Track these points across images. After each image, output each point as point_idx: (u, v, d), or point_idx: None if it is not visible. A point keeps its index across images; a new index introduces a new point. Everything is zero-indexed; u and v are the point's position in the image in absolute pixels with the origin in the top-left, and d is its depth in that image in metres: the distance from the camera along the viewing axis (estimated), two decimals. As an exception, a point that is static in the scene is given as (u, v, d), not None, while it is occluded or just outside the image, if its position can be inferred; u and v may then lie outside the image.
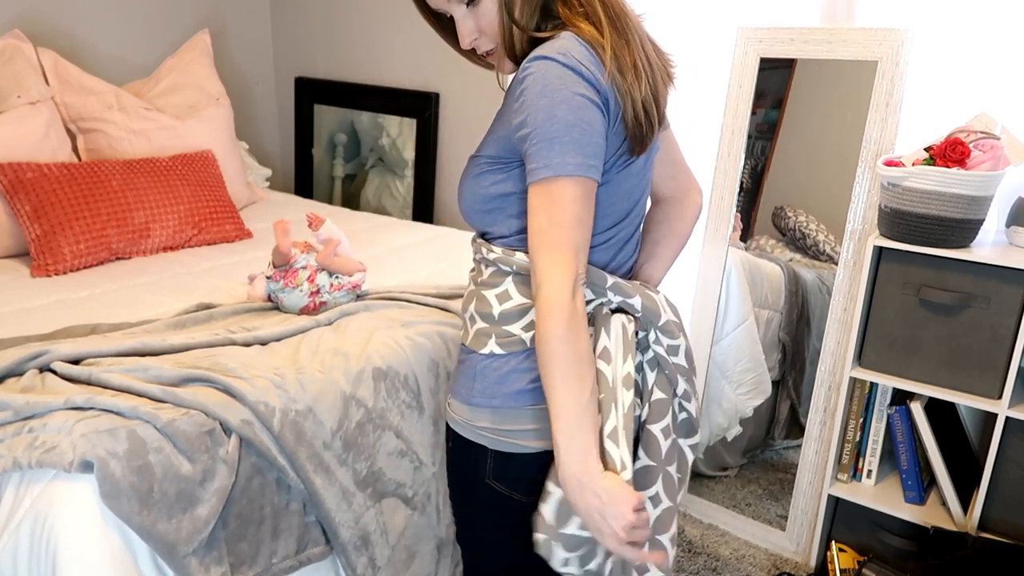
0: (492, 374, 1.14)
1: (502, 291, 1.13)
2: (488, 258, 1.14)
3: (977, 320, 1.75)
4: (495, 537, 1.23)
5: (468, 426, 1.17)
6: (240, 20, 3.39)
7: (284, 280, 1.78)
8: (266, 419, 1.40)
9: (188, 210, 2.42)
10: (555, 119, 0.98)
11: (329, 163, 3.47)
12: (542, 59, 1.00)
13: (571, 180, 0.99)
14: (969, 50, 1.86)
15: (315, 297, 1.80)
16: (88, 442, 1.23)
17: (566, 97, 0.98)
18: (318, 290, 1.80)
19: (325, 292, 1.80)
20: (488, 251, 1.14)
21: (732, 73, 2.13)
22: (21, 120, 2.32)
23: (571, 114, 0.98)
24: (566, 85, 0.99)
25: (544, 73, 0.99)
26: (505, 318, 1.13)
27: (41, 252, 2.13)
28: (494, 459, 1.16)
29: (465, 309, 1.20)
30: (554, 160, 0.98)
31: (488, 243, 1.15)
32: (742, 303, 2.30)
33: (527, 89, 1.00)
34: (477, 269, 1.19)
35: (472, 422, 1.16)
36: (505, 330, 1.13)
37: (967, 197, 1.70)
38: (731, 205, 2.19)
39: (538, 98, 0.99)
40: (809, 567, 2.13)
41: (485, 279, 1.16)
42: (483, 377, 1.14)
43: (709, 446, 2.42)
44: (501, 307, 1.13)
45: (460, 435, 1.19)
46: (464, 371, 1.18)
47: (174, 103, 2.75)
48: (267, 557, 1.42)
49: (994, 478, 1.79)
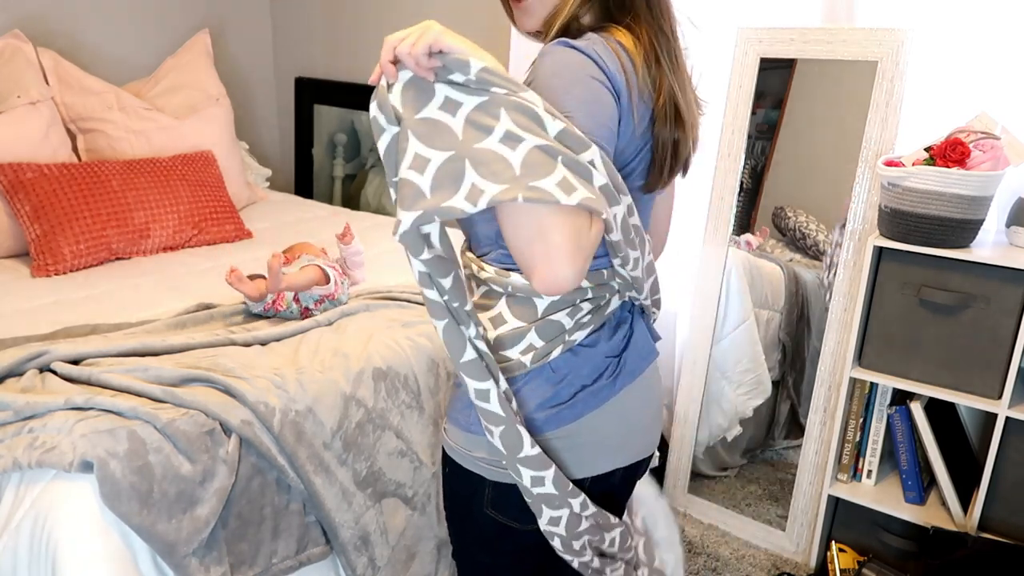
0: None
1: (496, 314, 1.06)
2: (480, 277, 1.07)
3: (977, 320, 1.75)
4: (493, 561, 1.18)
5: (465, 455, 1.11)
6: (240, 20, 3.39)
7: (274, 307, 1.78)
8: (266, 419, 1.40)
9: (188, 210, 2.42)
10: (571, 95, 0.94)
11: (329, 163, 3.47)
12: (565, 45, 0.97)
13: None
14: (969, 50, 1.85)
15: (306, 314, 1.81)
16: (88, 442, 1.23)
17: (582, 78, 0.95)
18: (307, 308, 1.81)
19: (314, 312, 1.81)
20: (479, 269, 1.08)
21: (732, 73, 2.13)
22: (21, 120, 2.32)
23: (587, 93, 0.95)
24: (584, 69, 0.96)
25: (563, 58, 0.96)
26: (501, 343, 1.05)
27: (41, 252, 2.13)
28: (492, 489, 1.11)
29: None
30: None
31: (479, 260, 1.09)
32: (742, 303, 2.30)
33: (539, 67, 0.97)
34: (467, 286, 1.09)
35: (470, 451, 1.10)
36: (503, 355, 1.06)
37: (967, 197, 1.70)
38: (731, 205, 2.19)
39: (551, 78, 0.96)
40: (809, 567, 2.13)
41: (477, 300, 1.09)
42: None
43: (709, 446, 2.42)
44: (496, 332, 1.06)
45: (456, 462, 1.13)
46: (460, 396, 1.11)
47: (174, 103, 2.75)
48: (267, 557, 1.42)
49: (994, 478, 1.79)
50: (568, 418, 1.07)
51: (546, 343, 1.06)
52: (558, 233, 0.85)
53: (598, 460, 1.11)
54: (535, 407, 1.07)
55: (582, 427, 1.08)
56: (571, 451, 1.09)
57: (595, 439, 1.10)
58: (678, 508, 2.39)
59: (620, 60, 0.99)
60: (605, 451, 1.11)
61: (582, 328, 1.07)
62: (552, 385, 1.07)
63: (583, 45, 0.97)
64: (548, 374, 1.07)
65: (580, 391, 1.07)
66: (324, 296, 1.82)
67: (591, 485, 1.12)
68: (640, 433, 1.16)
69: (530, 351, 1.05)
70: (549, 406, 1.07)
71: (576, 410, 1.07)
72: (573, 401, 1.07)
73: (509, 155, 0.84)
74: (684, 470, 2.38)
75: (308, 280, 1.79)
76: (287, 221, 2.76)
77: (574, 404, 1.07)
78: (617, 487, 1.19)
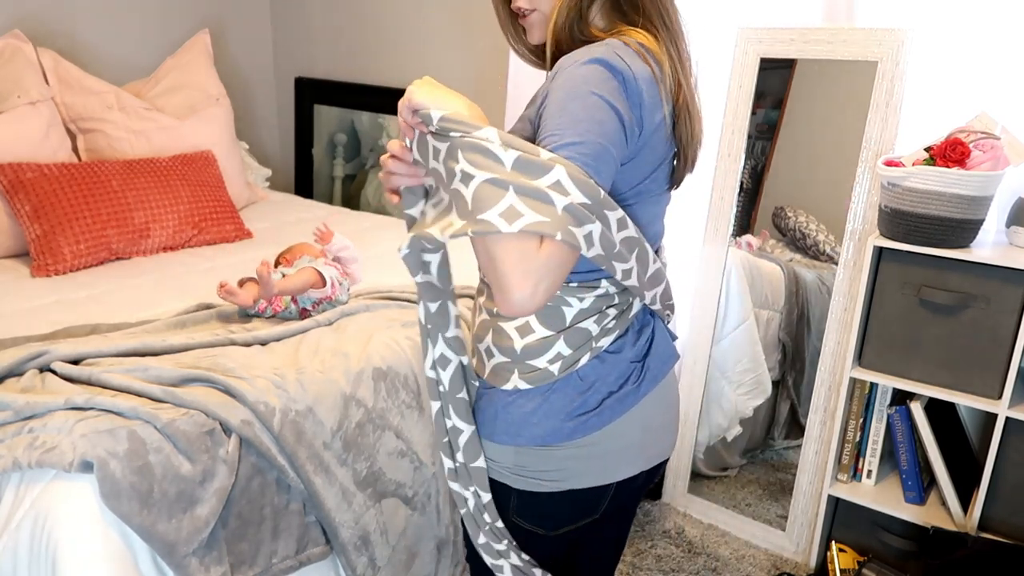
0: (517, 411, 1.07)
1: (523, 324, 1.05)
2: None
3: (977, 320, 1.75)
4: None
5: (490, 462, 1.11)
6: (240, 20, 3.39)
7: (272, 307, 1.78)
8: (266, 419, 1.40)
9: (188, 210, 2.42)
10: (565, 112, 0.95)
11: (329, 163, 3.47)
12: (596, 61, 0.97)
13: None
14: (969, 50, 1.85)
15: (305, 315, 1.81)
16: (88, 442, 1.23)
17: (582, 94, 0.96)
18: (305, 309, 1.81)
19: (312, 313, 1.81)
20: None
21: (732, 73, 2.13)
22: (21, 120, 2.32)
23: (583, 111, 0.95)
24: (586, 85, 0.96)
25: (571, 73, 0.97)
26: (528, 353, 1.05)
27: (41, 252, 2.13)
28: (518, 497, 1.11)
29: (480, 339, 1.11)
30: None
31: None
32: (742, 303, 2.30)
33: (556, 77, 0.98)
34: (487, 293, 1.10)
35: (495, 459, 1.10)
36: (530, 364, 1.06)
37: (967, 197, 1.70)
38: (731, 205, 2.19)
39: (554, 92, 0.97)
40: (809, 567, 2.13)
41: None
42: (506, 414, 1.08)
43: (709, 446, 2.42)
44: (524, 341, 1.05)
45: None
46: (483, 407, 1.11)
47: (174, 103, 2.75)
48: (267, 557, 1.42)
49: (994, 478, 1.79)
50: (595, 426, 1.07)
51: (574, 351, 1.05)
52: (504, 260, 0.89)
53: (623, 465, 1.11)
54: (564, 416, 1.06)
55: (608, 434, 1.08)
56: (598, 458, 1.09)
57: (620, 445, 1.10)
58: (678, 508, 2.39)
59: (649, 64, 1.00)
60: (629, 456, 1.12)
61: (608, 334, 1.07)
62: (580, 393, 1.07)
63: (601, 54, 0.97)
64: (576, 382, 1.07)
65: (607, 398, 1.07)
66: (321, 299, 1.82)
67: (616, 491, 1.12)
68: (662, 435, 1.16)
69: (558, 360, 1.05)
70: (577, 414, 1.07)
71: (603, 417, 1.07)
72: (600, 409, 1.07)
73: (464, 192, 0.90)
74: (684, 470, 2.38)
75: (303, 283, 1.79)
76: (287, 221, 2.76)
77: (601, 412, 1.07)
78: (637, 491, 1.20)
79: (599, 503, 1.13)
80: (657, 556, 2.17)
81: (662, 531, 2.29)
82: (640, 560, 2.15)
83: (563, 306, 1.05)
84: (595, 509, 1.13)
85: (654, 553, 2.18)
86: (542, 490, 1.09)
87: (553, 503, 1.10)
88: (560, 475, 1.08)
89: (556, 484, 1.09)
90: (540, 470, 1.08)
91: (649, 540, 2.24)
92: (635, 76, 0.97)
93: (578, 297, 1.05)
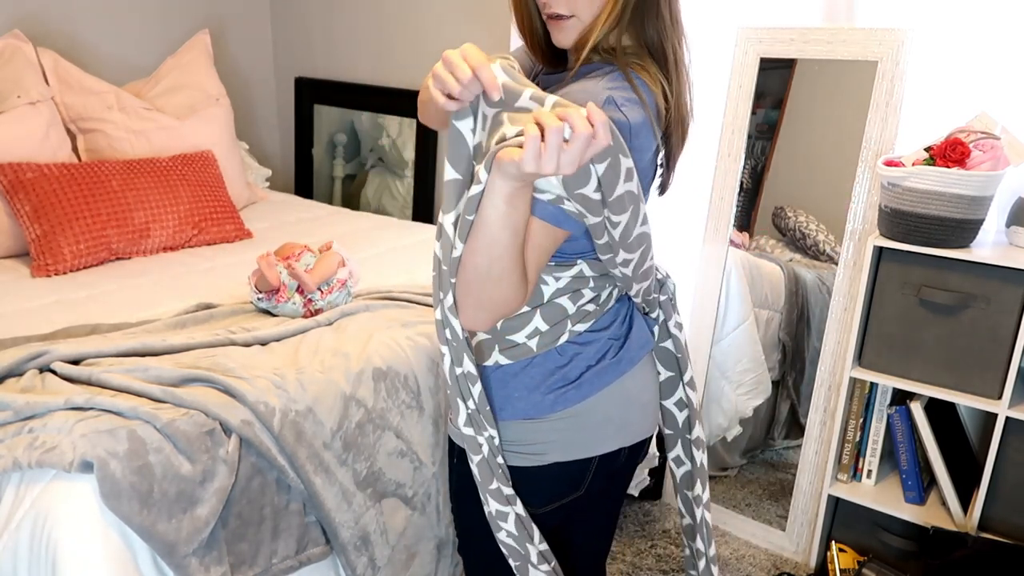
0: (498, 385, 1.12)
1: None
2: None
3: (977, 320, 1.75)
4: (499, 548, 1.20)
5: None
6: (240, 20, 3.39)
7: (275, 297, 1.78)
8: (266, 419, 1.40)
9: (188, 210, 2.42)
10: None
11: (329, 163, 3.47)
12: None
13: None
14: (969, 50, 1.86)
15: (309, 305, 1.80)
16: (88, 442, 1.23)
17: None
18: (310, 299, 1.81)
19: (317, 300, 1.81)
20: None
21: (732, 73, 2.13)
22: (21, 120, 2.32)
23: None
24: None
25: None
26: (507, 328, 1.10)
27: (41, 252, 2.13)
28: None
29: None
30: None
31: None
32: (742, 303, 2.30)
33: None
34: None
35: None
36: (509, 340, 1.11)
37: (967, 197, 1.70)
38: (731, 205, 2.19)
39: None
40: (809, 567, 2.13)
41: None
42: (488, 389, 1.12)
43: (709, 446, 2.42)
44: None
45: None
46: None
47: (174, 103, 2.75)
48: (267, 557, 1.42)
49: (994, 478, 1.79)
50: (575, 399, 1.11)
51: (551, 327, 1.10)
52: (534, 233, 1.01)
53: (605, 440, 1.15)
54: (544, 390, 1.10)
55: (588, 407, 1.12)
56: (578, 431, 1.12)
57: (600, 419, 1.13)
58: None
59: (643, 102, 1.03)
60: (610, 430, 1.15)
61: (585, 319, 1.12)
62: (559, 367, 1.11)
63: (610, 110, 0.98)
64: (555, 357, 1.11)
65: (586, 371, 1.11)
66: (340, 282, 1.83)
67: (599, 466, 1.16)
68: (643, 414, 1.20)
69: (536, 335, 1.10)
70: (557, 387, 1.11)
71: (583, 391, 1.11)
72: (579, 381, 1.11)
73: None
74: (684, 470, 2.38)
75: (331, 268, 1.83)
76: (287, 221, 2.76)
77: (580, 384, 1.11)
78: (622, 468, 1.24)
79: (583, 478, 1.16)
80: (657, 556, 2.17)
81: (662, 531, 2.29)
82: (640, 560, 2.15)
83: (541, 284, 1.10)
84: (579, 485, 1.17)
85: (654, 553, 2.18)
86: (529, 464, 1.13)
87: (539, 477, 1.14)
88: (544, 447, 1.12)
89: (541, 458, 1.12)
90: (525, 443, 1.12)
91: (649, 540, 2.24)
92: (632, 130, 1.00)
93: (555, 276, 1.10)
